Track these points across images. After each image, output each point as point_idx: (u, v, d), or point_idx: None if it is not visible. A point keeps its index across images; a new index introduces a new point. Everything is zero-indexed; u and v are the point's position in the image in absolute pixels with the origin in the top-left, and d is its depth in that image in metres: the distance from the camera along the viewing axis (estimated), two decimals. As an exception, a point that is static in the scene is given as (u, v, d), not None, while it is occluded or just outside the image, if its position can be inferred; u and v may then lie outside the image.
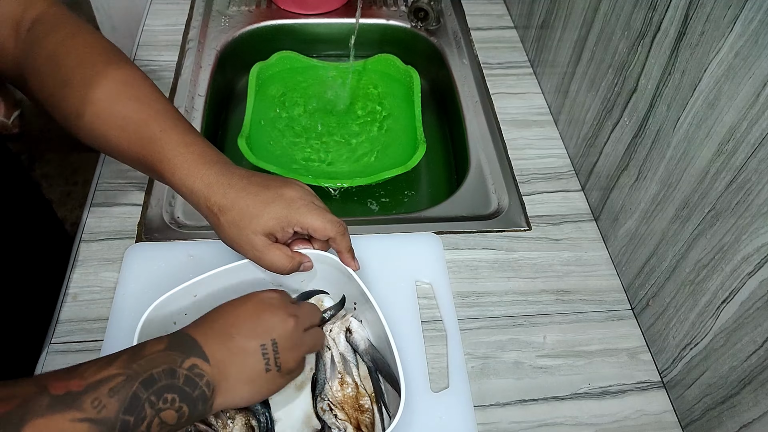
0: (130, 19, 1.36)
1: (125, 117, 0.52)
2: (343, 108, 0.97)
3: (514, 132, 0.85)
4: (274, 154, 0.87)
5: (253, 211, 0.50)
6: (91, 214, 0.70)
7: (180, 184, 0.52)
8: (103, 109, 0.52)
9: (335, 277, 0.57)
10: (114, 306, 0.60)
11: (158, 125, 0.52)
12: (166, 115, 0.53)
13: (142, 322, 0.50)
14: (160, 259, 0.64)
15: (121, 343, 0.57)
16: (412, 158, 0.80)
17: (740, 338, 0.50)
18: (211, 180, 0.51)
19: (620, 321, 0.66)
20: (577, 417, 0.58)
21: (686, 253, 0.57)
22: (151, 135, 0.52)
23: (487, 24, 1.03)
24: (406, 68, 0.95)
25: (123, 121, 0.52)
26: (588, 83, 0.75)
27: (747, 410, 0.50)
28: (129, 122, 0.52)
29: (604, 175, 0.72)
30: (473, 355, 0.62)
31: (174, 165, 0.51)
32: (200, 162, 0.52)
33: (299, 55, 0.97)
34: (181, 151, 0.51)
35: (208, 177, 0.51)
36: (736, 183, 0.49)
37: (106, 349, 0.57)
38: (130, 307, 0.60)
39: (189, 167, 0.51)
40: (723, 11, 0.50)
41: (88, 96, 0.52)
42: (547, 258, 0.71)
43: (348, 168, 0.88)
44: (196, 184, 0.51)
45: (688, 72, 0.55)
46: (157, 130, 0.52)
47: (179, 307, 0.54)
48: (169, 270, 0.63)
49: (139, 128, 0.52)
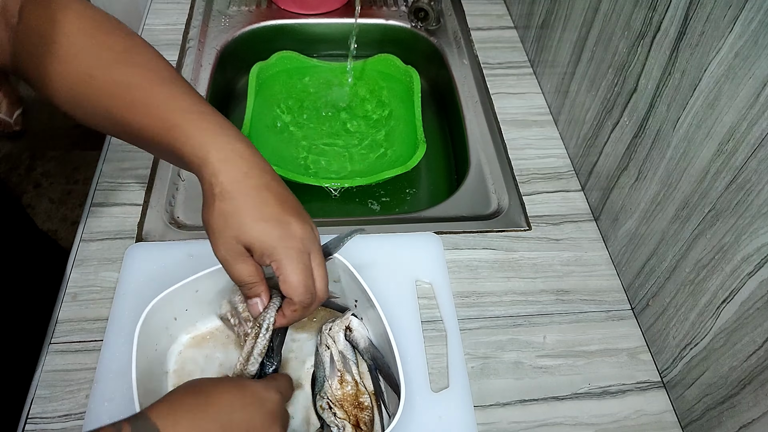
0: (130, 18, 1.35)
1: (128, 84, 0.46)
2: (343, 108, 0.97)
3: (514, 132, 0.85)
4: (275, 153, 0.87)
5: (246, 218, 0.45)
6: (91, 213, 0.70)
7: (191, 154, 0.45)
8: (104, 80, 0.47)
9: (337, 274, 0.57)
10: (114, 306, 0.60)
11: (166, 90, 0.47)
12: (175, 82, 0.48)
13: (142, 318, 0.50)
14: (160, 259, 0.64)
15: (121, 342, 0.57)
16: (412, 158, 0.80)
17: (740, 338, 0.50)
18: (230, 156, 0.45)
19: (620, 321, 0.66)
20: (577, 417, 0.58)
21: (686, 253, 0.57)
22: (156, 101, 0.46)
23: (487, 24, 1.03)
24: (406, 68, 0.95)
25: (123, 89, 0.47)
26: (588, 83, 0.75)
27: (747, 410, 0.50)
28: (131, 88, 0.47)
29: (604, 175, 0.72)
30: (473, 355, 0.62)
31: (188, 131, 0.45)
32: (222, 133, 0.46)
33: (299, 55, 0.97)
34: (193, 117, 0.45)
35: (231, 151, 0.45)
36: (736, 183, 0.49)
37: (106, 349, 0.57)
38: (130, 307, 0.60)
39: (208, 134, 0.45)
40: (723, 11, 0.50)
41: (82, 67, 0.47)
42: (547, 258, 0.71)
43: (348, 168, 0.88)
44: (212, 154, 0.45)
45: (688, 72, 0.55)
46: (163, 96, 0.46)
47: (180, 303, 0.54)
48: (169, 270, 0.63)
49: (143, 93, 0.46)
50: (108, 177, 0.74)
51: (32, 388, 0.56)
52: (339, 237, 0.55)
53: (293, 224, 0.45)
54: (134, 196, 0.72)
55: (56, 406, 0.55)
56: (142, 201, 0.72)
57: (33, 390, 0.56)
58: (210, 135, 0.45)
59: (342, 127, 0.94)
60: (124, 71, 0.47)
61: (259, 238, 0.44)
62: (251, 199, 0.45)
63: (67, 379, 0.57)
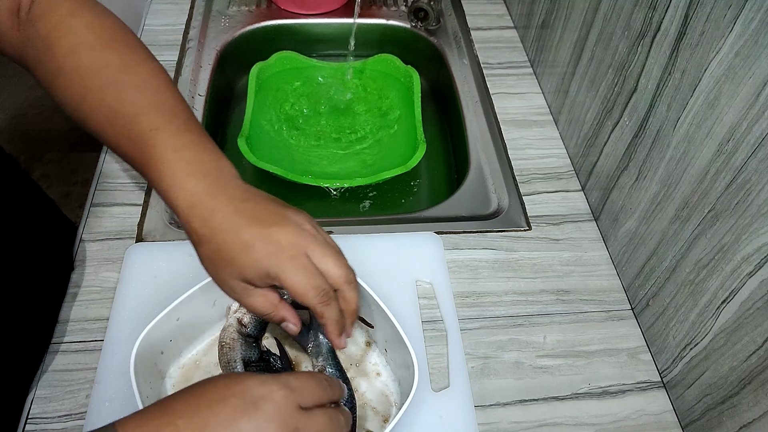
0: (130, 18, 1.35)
1: (116, 111, 0.46)
2: (343, 108, 0.97)
3: (514, 132, 0.85)
4: (274, 154, 0.87)
5: (230, 254, 0.43)
6: (91, 214, 0.70)
7: (165, 196, 0.45)
8: (95, 101, 0.46)
9: None
10: (114, 306, 0.60)
11: (148, 122, 0.45)
12: (161, 109, 0.46)
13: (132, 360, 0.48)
14: (160, 259, 0.64)
15: (121, 343, 0.57)
16: (412, 158, 0.80)
17: (740, 338, 0.50)
18: (195, 201, 0.44)
19: (620, 321, 0.66)
20: (577, 417, 0.58)
21: (686, 253, 0.57)
22: (139, 133, 0.45)
23: (487, 24, 1.03)
24: (406, 68, 0.95)
25: (114, 116, 0.46)
26: (588, 83, 0.75)
27: (747, 410, 0.50)
28: (119, 117, 0.46)
29: (604, 175, 0.72)
30: (473, 355, 0.62)
31: (160, 173, 0.44)
32: (187, 173, 0.44)
33: (299, 55, 0.97)
34: (168, 156, 0.44)
35: (193, 196, 0.44)
36: (736, 183, 0.49)
37: (107, 349, 0.57)
38: (130, 307, 0.60)
39: (174, 178, 0.44)
40: (723, 11, 0.50)
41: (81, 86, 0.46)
42: (547, 258, 0.71)
43: (348, 168, 0.88)
44: (179, 201, 0.44)
45: (688, 72, 0.55)
46: (147, 127, 0.45)
47: (164, 334, 0.53)
48: (169, 270, 0.63)
49: (129, 124, 0.46)
50: (108, 177, 0.74)
51: (33, 388, 0.56)
52: None
53: (275, 234, 0.43)
54: (134, 196, 0.72)
55: (56, 406, 0.55)
56: (141, 201, 0.72)
57: (33, 390, 0.56)
58: (179, 179, 0.44)
59: (342, 128, 0.94)
60: (116, 96, 0.46)
61: (250, 267, 0.43)
62: (226, 234, 0.43)
63: (67, 380, 0.57)
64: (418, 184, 0.89)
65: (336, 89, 0.98)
